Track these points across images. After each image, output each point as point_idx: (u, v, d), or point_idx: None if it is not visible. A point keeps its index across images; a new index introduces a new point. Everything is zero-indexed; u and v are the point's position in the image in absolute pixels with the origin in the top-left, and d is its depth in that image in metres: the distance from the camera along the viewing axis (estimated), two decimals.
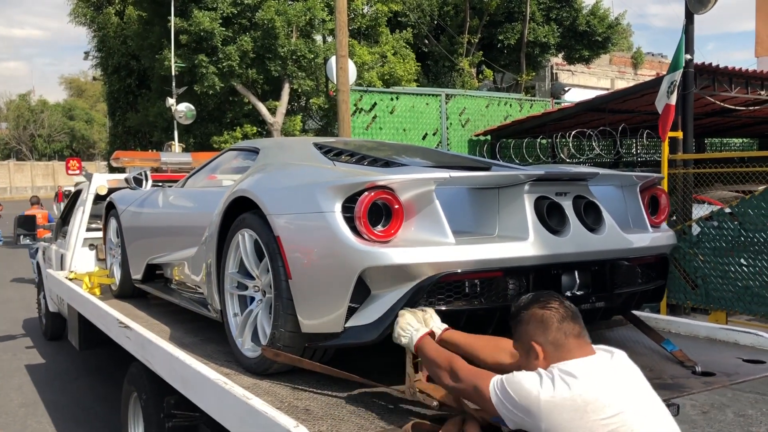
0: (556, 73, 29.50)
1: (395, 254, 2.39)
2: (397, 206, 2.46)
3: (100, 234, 6.66)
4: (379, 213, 2.48)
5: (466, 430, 2.10)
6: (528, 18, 24.30)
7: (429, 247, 2.42)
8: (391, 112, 10.91)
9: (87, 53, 26.81)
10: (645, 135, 8.97)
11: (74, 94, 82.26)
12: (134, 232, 4.71)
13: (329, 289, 2.50)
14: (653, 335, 3.11)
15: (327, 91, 21.01)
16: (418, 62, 22.89)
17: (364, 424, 2.27)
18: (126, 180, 4.56)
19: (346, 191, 2.47)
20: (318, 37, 20.78)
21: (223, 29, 17.10)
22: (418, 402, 2.37)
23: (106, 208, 5.32)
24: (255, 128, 19.50)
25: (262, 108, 18.95)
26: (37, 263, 8.48)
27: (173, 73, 17.03)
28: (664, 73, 8.43)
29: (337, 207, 2.47)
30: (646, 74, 32.74)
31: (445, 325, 2.37)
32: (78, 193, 7.29)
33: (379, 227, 2.46)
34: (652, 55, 36.96)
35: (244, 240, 2.98)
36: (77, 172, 6.26)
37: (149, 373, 3.82)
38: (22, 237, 7.67)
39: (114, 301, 4.79)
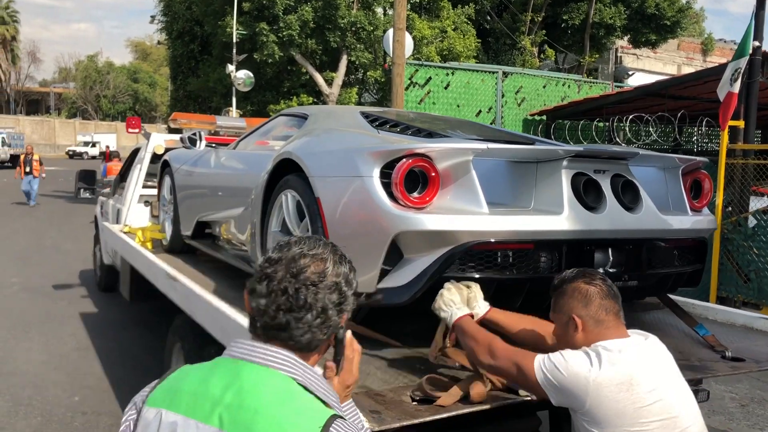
0: (621, 57, 28.77)
1: (429, 220, 2.45)
2: (433, 174, 2.51)
3: (155, 191, 6.92)
4: (416, 180, 2.54)
5: (472, 388, 2.16)
6: None
7: (462, 215, 2.47)
8: (445, 88, 10.86)
9: (153, 17, 27.46)
10: (704, 123, 8.72)
11: (139, 57, 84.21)
12: (186, 190, 4.88)
13: (364, 251, 2.57)
14: (687, 319, 3.10)
15: (383, 64, 21.04)
16: (479, 39, 22.66)
17: (388, 379, 2.36)
18: (181, 139, 4.72)
19: (385, 157, 2.54)
20: (378, 10, 20.76)
21: None
22: (441, 364, 2.45)
23: (161, 167, 5.52)
24: (311, 98, 19.69)
25: (319, 78, 19.10)
26: (95, 217, 8.84)
27: (234, 40, 17.28)
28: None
29: (376, 172, 2.54)
30: (716, 61, 31.58)
31: (488, 305, 2.39)
32: (137, 151, 7.56)
33: (415, 194, 2.52)
34: (724, 41, 35.63)
35: (287, 200, 3.08)
36: (137, 130, 6.46)
37: (193, 324, 4.01)
38: (82, 190, 7.99)
39: (164, 255, 4.98)
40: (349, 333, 1.52)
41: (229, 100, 18.54)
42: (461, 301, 2.35)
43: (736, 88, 7.82)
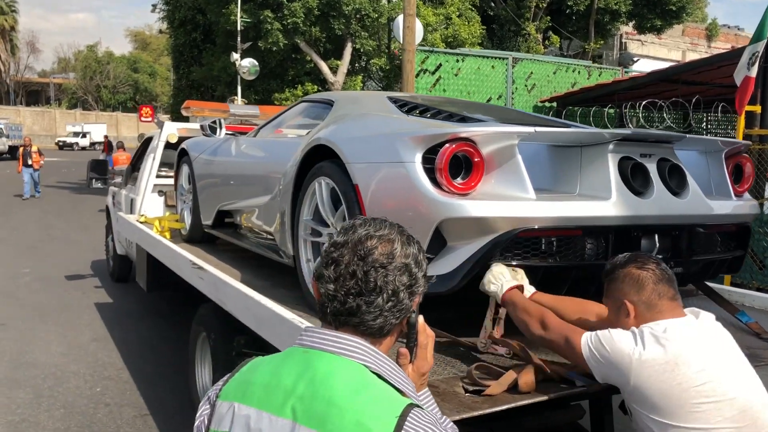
0: (625, 43, 28.60)
1: (473, 207, 2.39)
2: (477, 159, 2.46)
3: (169, 181, 6.87)
4: (459, 165, 2.48)
5: (521, 377, 2.13)
6: None
7: (508, 201, 2.41)
8: (455, 74, 10.78)
9: (154, 6, 27.20)
10: (720, 108, 8.64)
11: (139, 47, 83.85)
12: (206, 179, 4.83)
13: None
14: (727, 306, 3.06)
15: (389, 52, 20.90)
16: (483, 26, 22.48)
17: (437, 369, 2.32)
18: (201, 127, 4.66)
19: (428, 142, 2.48)
20: None
21: None
22: (490, 353, 2.40)
23: (178, 155, 5.46)
24: (316, 87, 19.56)
25: (323, 66, 18.96)
26: (107, 207, 8.79)
27: (239, 28, 17.15)
28: (740, 46, 8.09)
29: (418, 158, 2.48)
30: (721, 47, 31.43)
31: (534, 289, 2.37)
32: (149, 140, 7.50)
33: (459, 180, 2.47)
34: (728, 27, 35.42)
35: (321, 188, 3.03)
36: (150, 119, 6.39)
37: (219, 314, 3.96)
38: (94, 180, 7.93)
39: (183, 245, 4.94)
40: (421, 317, 1.48)
41: (234, 89, 18.42)
42: (510, 277, 2.32)
43: (754, 72, 7.73)
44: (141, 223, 5.95)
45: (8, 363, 5.47)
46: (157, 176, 6.79)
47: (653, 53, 28.86)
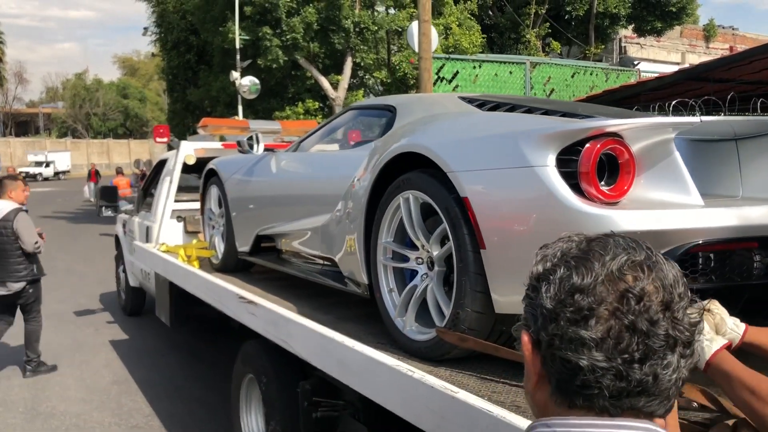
0: (625, 47, 28.33)
1: (631, 218, 1.91)
2: (627, 158, 1.98)
3: (187, 206, 6.38)
4: (602, 167, 2.01)
5: None
6: None
7: (674, 210, 1.94)
8: (473, 81, 10.36)
9: (146, 29, 26.82)
10: (759, 105, 8.25)
11: (127, 73, 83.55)
12: (242, 201, 4.34)
13: None
14: None
15: (389, 65, 20.53)
16: (483, 34, 22.15)
17: None
18: (238, 143, 4.18)
19: (563, 140, 2.01)
20: (380, 9, 20.25)
21: (288, 0, 16.70)
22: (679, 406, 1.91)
23: (205, 177, 4.97)
24: (317, 103, 19.15)
25: (324, 82, 18.54)
26: (116, 237, 8.27)
27: (237, 46, 16.73)
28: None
29: (551, 159, 2.01)
30: (719, 47, 31.26)
31: (743, 325, 1.76)
32: (163, 162, 7.01)
33: (603, 185, 1.99)
34: (723, 27, 35.24)
35: (408, 204, 2.55)
36: (165, 139, 5.93)
37: (272, 354, 3.48)
38: (104, 208, 7.44)
39: (217, 275, 4.44)
40: None
41: (234, 108, 17.96)
42: (710, 329, 1.67)
43: None
44: (163, 252, 5.45)
45: (23, 414, 4.94)
46: (175, 201, 6.29)
47: (653, 56, 28.58)
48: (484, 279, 2.19)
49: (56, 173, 51.20)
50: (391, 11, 20.11)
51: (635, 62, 25.44)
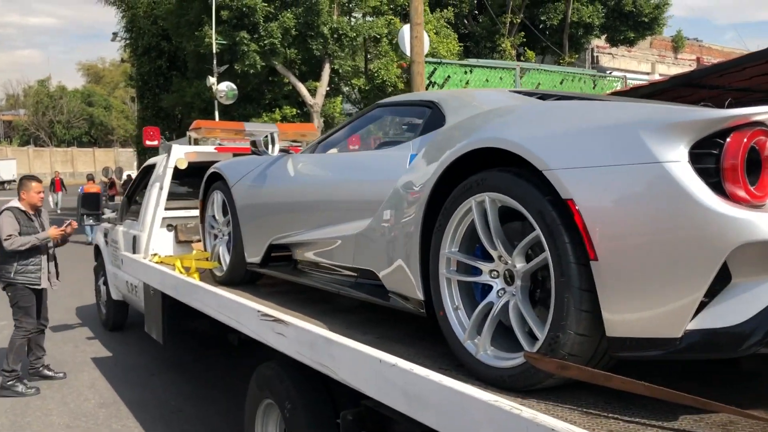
0: (597, 56, 28.49)
1: None
2: None
3: (177, 213, 5.97)
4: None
5: None
6: None
7: None
8: (464, 86, 10.09)
9: (115, 34, 26.11)
10: None
11: (92, 80, 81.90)
12: (253, 207, 3.96)
13: (668, 274, 1.72)
14: None
15: (367, 71, 20.24)
16: (460, 43, 22.01)
17: None
18: (253, 144, 3.80)
19: (699, 131, 1.70)
20: (358, 15, 19.97)
21: (266, 5, 16.31)
22: None
23: (206, 181, 4.58)
24: (294, 109, 18.75)
25: (302, 89, 18.16)
26: (96, 246, 7.78)
27: (214, 51, 16.26)
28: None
29: (683, 154, 1.70)
30: (687, 58, 31.73)
31: None
32: (150, 168, 6.57)
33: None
34: (688, 39, 35.74)
35: (482, 208, 2.22)
36: (155, 142, 5.51)
37: (297, 377, 3.12)
38: (85, 217, 6.96)
39: (223, 289, 4.05)
40: None
41: (209, 115, 17.45)
42: None
43: None
44: (156, 263, 5.03)
45: None
46: (166, 209, 5.86)
47: (624, 66, 28.78)
48: (592, 295, 1.87)
49: (1, 182, 48.41)
50: (369, 18, 19.85)
51: (608, 71, 25.60)
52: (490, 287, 2.29)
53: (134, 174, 27.52)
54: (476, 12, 24.94)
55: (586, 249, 1.85)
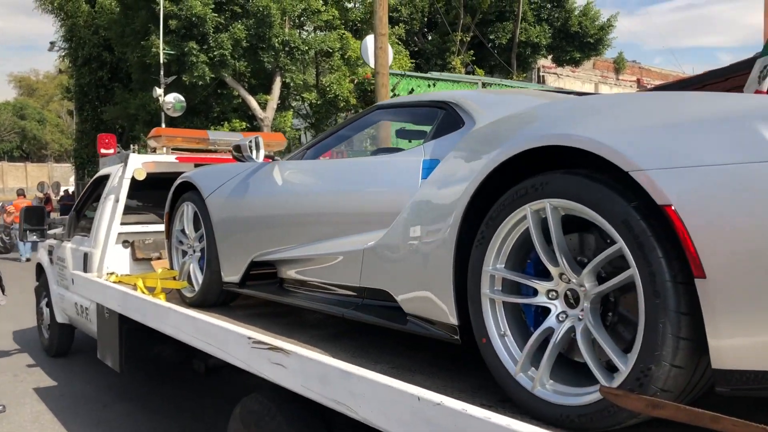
0: (543, 76, 28.89)
1: None
2: None
3: (134, 228, 5.48)
4: None
5: None
6: (520, 17, 23.61)
7: None
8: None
9: (53, 43, 25.03)
10: None
11: (24, 93, 78.91)
12: (232, 221, 3.56)
13: None
14: None
15: (318, 85, 19.90)
16: (411, 60, 21.93)
17: None
18: (235, 148, 3.40)
19: None
20: (309, 29, 19.66)
21: (216, 15, 15.83)
22: None
23: (174, 192, 4.15)
24: (244, 123, 18.23)
25: (252, 102, 17.69)
26: (39, 265, 7.14)
27: (161, 61, 15.65)
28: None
29: None
30: (628, 79, 32.57)
31: None
32: (100, 179, 6.04)
33: None
34: (629, 61, 36.76)
35: (539, 217, 1.90)
36: (111, 150, 5.04)
37: (292, 414, 2.74)
38: (28, 233, 6.35)
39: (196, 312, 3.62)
40: None
41: (154, 127, 16.76)
42: None
43: (765, 86, 7.25)
44: (114, 282, 4.55)
45: None
46: (122, 223, 5.37)
47: (569, 85, 29.28)
48: (692, 320, 1.57)
49: None
50: (321, 32, 19.55)
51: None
52: (544, 310, 1.98)
53: (72, 189, 26.24)
54: (426, 29, 25.00)
55: (689, 264, 1.55)
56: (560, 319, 1.90)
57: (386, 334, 3.00)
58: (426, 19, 24.10)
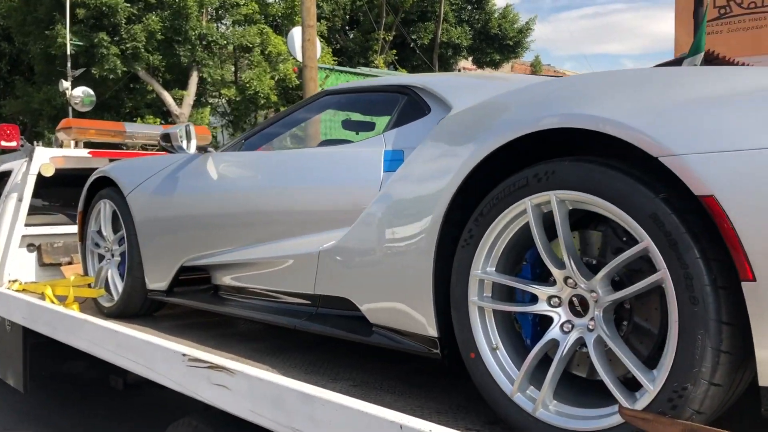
0: None
1: None
2: None
3: (40, 230, 4.92)
4: None
5: None
6: (441, 18, 23.69)
7: None
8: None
9: None
10: None
11: None
12: (158, 221, 3.15)
13: None
14: None
15: (237, 82, 19.27)
16: (334, 57, 21.58)
17: None
18: (163, 137, 2.98)
19: None
20: (228, 22, 19.00)
21: (128, 5, 15.00)
22: None
23: (89, 189, 3.68)
24: (158, 119, 17.39)
25: (167, 97, 16.90)
26: None
27: (69, 52, 14.68)
28: None
29: None
30: None
31: None
32: (1, 176, 5.42)
33: None
34: (544, 65, 37.70)
35: (540, 212, 1.64)
36: (13, 143, 4.43)
37: None
38: None
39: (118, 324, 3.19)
40: None
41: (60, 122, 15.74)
42: None
43: None
44: (18, 291, 4.03)
45: None
46: (26, 225, 4.80)
47: None
48: (736, 331, 1.34)
49: None
50: (240, 27, 18.91)
51: None
52: (543, 320, 1.72)
53: None
54: (348, 27, 24.72)
55: (735, 265, 1.31)
56: (565, 330, 1.64)
57: (339, 347, 2.69)
58: (348, 16, 23.82)
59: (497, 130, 1.71)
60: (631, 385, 1.51)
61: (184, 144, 2.98)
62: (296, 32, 9.10)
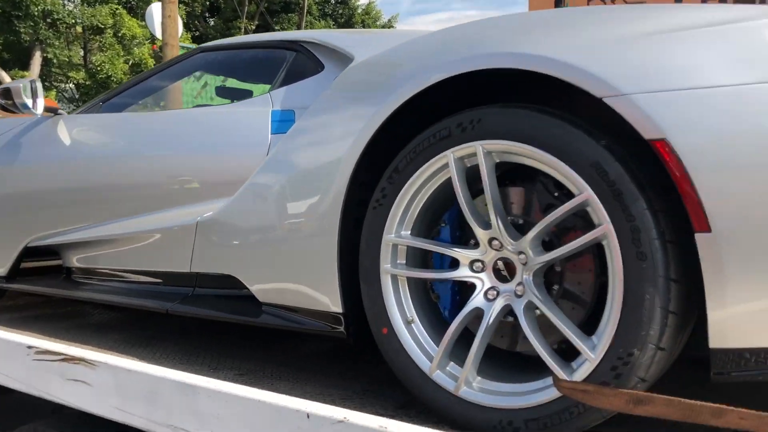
0: None
1: None
2: None
3: None
4: None
5: None
6: (305, 10, 23.39)
7: None
8: (224, 81, 9.05)
9: None
10: None
11: None
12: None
13: None
14: None
15: (86, 65, 17.94)
16: (194, 43, 20.66)
17: None
18: (4, 93, 2.50)
19: None
20: (76, 0, 17.62)
21: None
22: None
23: None
24: None
25: (5, 78, 15.34)
26: None
27: None
28: None
29: None
30: None
31: None
32: None
33: None
34: None
35: (463, 165, 1.46)
36: None
37: None
38: None
39: None
40: None
41: None
42: None
43: None
44: None
45: None
46: None
47: None
48: (685, 289, 1.23)
49: None
50: (90, 6, 17.58)
51: None
52: (462, 288, 1.55)
53: None
54: (208, 14, 23.81)
55: (689, 216, 1.19)
56: (490, 297, 1.47)
57: (219, 334, 2.40)
58: (208, 2, 22.91)
59: (416, 76, 1.51)
60: (566, 355, 1.37)
61: (29, 102, 2.54)
62: (155, 8, 8.47)
